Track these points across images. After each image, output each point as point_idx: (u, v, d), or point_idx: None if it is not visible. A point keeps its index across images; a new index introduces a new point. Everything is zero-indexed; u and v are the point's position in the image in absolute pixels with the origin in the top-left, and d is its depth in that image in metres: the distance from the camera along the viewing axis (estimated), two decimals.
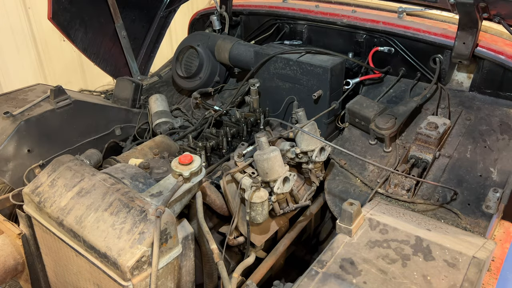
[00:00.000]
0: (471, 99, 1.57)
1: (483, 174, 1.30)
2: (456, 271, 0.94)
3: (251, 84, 1.69)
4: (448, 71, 1.62)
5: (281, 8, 1.97)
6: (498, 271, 1.07)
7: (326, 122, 1.58)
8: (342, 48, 1.79)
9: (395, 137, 1.49)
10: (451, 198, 1.25)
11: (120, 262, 1.00)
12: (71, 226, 1.12)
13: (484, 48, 1.51)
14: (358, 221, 1.08)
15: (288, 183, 1.24)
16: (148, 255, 1.03)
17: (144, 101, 1.99)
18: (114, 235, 1.05)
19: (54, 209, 1.17)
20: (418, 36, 1.63)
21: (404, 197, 1.26)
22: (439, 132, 1.36)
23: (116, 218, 1.09)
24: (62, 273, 1.29)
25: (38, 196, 1.22)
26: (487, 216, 1.18)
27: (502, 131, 1.41)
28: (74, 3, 1.89)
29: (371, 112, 1.50)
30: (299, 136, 1.33)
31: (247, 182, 1.21)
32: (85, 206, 1.15)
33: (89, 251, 1.10)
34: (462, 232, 1.10)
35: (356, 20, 1.76)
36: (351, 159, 1.47)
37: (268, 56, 1.62)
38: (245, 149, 1.30)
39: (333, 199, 1.39)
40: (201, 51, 1.91)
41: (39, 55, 3.06)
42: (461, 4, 1.36)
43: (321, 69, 1.50)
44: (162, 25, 2.31)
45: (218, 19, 2.09)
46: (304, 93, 1.57)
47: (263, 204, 1.21)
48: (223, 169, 1.33)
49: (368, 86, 1.77)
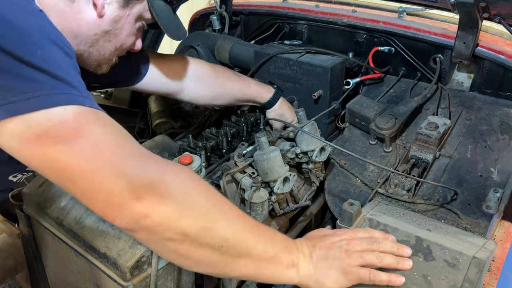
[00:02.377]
0: (471, 99, 1.57)
1: (483, 174, 1.30)
2: (457, 271, 0.94)
3: None
4: (448, 71, 1.62)
5: (281, 8, 1.97)
6: (498, 271, 1.07)
7: (326, 122, 1.58)
8: (342, 48, 1.79)
9: (396, 137, 1.49)
10: (452, 198, 1.25)
11: (120, 262, 1.00)
12: (70, 226, 1.12)
13: (485, 48, 1.51)
14: (358, 221, 1.08)
15: (288, 183, 1.24)
16: (148, 255, 1.03)
17: (144, 101, 1.99)
18: (114, 235, 1.05)
19: (54, 209, 1.17)
20: (418, 36, 1.63)
21: (404, 197, 1.26)
22: (439, 132, 1.35)
23: None
24: (61, 273, 1.29)
25: (38, 196, 1.22)
26: (488, 216, 1.18)
27: (503, 131, 1.41)
28: None
29: (371, 112, 1.50)
30: (299, 136, 1.33)
31: (247, 182, 1.21)
32: (85, 206, 1.14)
33: (89, 251, 1.10)
34: (462, 232, 1.10)
35: (356, 20, 1.76)
36: (351, 159, 1.47)
37: (268, 56, 1.62)
38: (245, 149, 1.30)
39: (333, 199, 1.39)
40: (201, 51, 1.91)
41: None
42: (461, 4, 1.36)
43: (321, 69, 1.50)
44: None
45: (218, 19, 2.09)
46: (304, 93, 1.57)
47: (263, 204, 1.20)
48: (223, 169, 1.33)
49: (368, 86, 1.77)
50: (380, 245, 0.97)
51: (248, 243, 0.87)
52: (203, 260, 0.83)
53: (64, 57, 0.76)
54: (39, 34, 0.73)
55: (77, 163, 0.71)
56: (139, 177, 0.75)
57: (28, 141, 0.70)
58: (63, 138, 0.70)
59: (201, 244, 0.81)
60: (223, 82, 1.48)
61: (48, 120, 0.70)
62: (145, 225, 0.76)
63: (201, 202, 0.83)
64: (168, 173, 0.80)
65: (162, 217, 0.76)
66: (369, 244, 0.96)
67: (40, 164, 0.73)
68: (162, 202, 0.76)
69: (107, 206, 0.74)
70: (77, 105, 0.73)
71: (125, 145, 0.77)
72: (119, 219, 0.75)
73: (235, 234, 0.85)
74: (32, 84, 0.69)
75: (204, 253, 0.82)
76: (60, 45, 0.76)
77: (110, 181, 0.73)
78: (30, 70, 0.70)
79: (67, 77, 0.74)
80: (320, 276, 0.92)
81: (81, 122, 0.72)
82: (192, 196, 0.81)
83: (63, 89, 0.72)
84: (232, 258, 0.85)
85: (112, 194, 0.73)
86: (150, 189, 0.75)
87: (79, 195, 0.75)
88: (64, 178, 0.73)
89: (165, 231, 0.77)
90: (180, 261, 0.84)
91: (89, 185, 0.73)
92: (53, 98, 0.71)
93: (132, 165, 0.76)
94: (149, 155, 0.81)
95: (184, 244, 0.80)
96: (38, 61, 0.70)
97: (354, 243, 0.96)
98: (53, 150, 0.70)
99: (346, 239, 0.98)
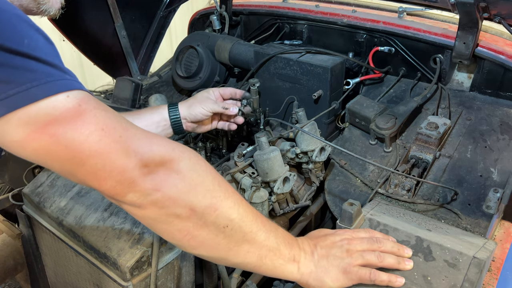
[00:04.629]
0: (471, 99, 1.57)
1: (483, 174, 1.30)
2: (457, 271, 0.94)
3: (251, 84, 1.68)
4: (448, 71, 1.62)
5: (281, 8, 1.97)
6: (498, 271, 1.07)
7: (326, 122, 1.58)
8: (342, 48, 1.79)
9: (396, 137, 1.49)
10: (452, 198, 1.25)
11: (120, 262, 1.00)
12: (70, 226, 1.12)
13: (485, 48, 1.51)
14: (358, 221, 1.08)
15: (288, 183, 1.24)
16: (148, 255, 1.03)
17: (144, 101, 1.99)
18: (114, 235, 1.05)
19: (54, 209, 1.17)
20: (418, 36, 1.63)
21: (404, 197, 1.26)
22: (439, 132, 1.35)
23: (116, 218, 1.09)
24: (61, 273, 1.28)
25: (37, 196, 1.22)
26: (488, 216, 1.18)
27: (503, 131, 1.41)
28: (74, 3, 1.88)
29: (371, 112, 1.50)
30: (299, 136, 1.33)
31: (247, 182, 1.21)
32: (85, 206, 1.15)
33: (89, 251, 1.10)
34: (462, 232, 1.10)
35: (357, 20, 1.76)
36: (352, 159, 1.47)
37: (268, 56, 1.62)
38: (245, 149, 1.30)
39: (333, 199, 1.39)
40: (201, 51, 1.91)
41: None
42: (461, 4, 1.36)
43: (321, 69, 1.50)
44: (162, 25, 2.30)
45: (218, 19, 2.09)
46: (304, 93, 1.57)
47: (263, 204, 1.20)
48: (223, 169, 1.33)
49: (368, 86, 1.77)
50: (381, 245, 0.97)
51: (252, 227, 0.88)
52: (207, 241, 0.84)
53: (45, 41, 0.74)
54: (18, 20, 0.71)
55: (89, 147, 0.72)
56: (149, 153, 0.77)
57: (36, 132, 0.69)
58: (71, 124, 0.70)
59: (206, 223, 0.82)
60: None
61: (53, 108, 0.69)
62: (155, 199, 0.77)
63: (207, 180, 0.84)
64: (175, 150, 0.82)
65: (172, 190, 0.78)
66: (370, 244, 0.96)
67: (47, 155, 0.73)
68: (172, 176, 0.79)
69: (118, 184, 0.75)
70: (76, 90, 0.73)
71: (129, 127, 0.78)
72: (130, 195, 0.76)
73: (240, 217, 0.86)
74: (27, 74, 0.68)
75: (209, 233, 0.83)
76: (37, 28, 0.74)
77: (122, 160, 0.74)
78: (22, 60, 0.68)
79: (58, 63, 0.73)
80: (321, 275, 0.92)
81: (86, 107, 0.72)
82: (199, 173, 0.83)
83: (57, 75, 0.71)
84: (235, 242, 0.86)
85: (124, 171, 0.74)
86: (160, 164, 0.78)
87: (88, 178, 0.75)
88: (74, 164, 0.73)
89: (174, 205, 0.79)
90: (185, 241, 0.84)
91: (101, 166, 0.73)
92: (52, 85, 0.70)
93: (141, 143, 0.77)
94: (154, 135, 0.83)
95: (191, 220, 0.81)
96: (27, 50, 0.68)
97: (355, 242, 0.96)
98: (63, 138, 0.70)
99: (347, 239, 0.98)
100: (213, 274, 1.27)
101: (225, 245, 0.86)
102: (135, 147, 0.76)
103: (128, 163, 0.74)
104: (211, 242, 0.84)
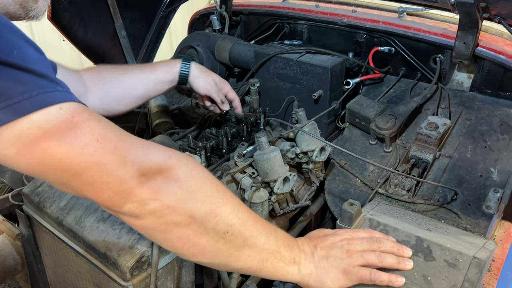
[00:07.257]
0: (471, 99, 1.57)
1: (483, 174, 1.30)
2: (457, 272, 0.94)
3: (251, 84, 1.69)
4: (448, 71, 1.62)
5: (281, 8, 1.97)
6: (498, 271, 1.07)
7: (326, 122, 1.58)
8: (342, 48, 1.79)
9: (396, 137, 1.49)
10: (452, 198, 1.25)
11: (120, 262, 1.00)
12: (70, 226, 1.12)
13: (485, 48, 1.51)
14: (358, 221, 1.08)
15: (288, 183, 1.24)
16: (148, 255, 1.03)
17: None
18: (114, 235, 1.05)
19: (53, 209, 1.17)
20: (418, 36, 1.63)
21: (404, 197, 1.26)
22: (439, 132, 1.35)
23: (116, 218, 1.09)
24: (61, 273, 1.28)
25: (37, 196, 1.22)
26: (488, 216, 1.18)
27: (503, 131, 1.41)
28: (74, 3, 1.88)
29: (371, 112, 1.50)
30: (299, 136, 1.33)
31: (247, 182, 1.21)
32: (85, 206, 1.15)
33: (89, 251, 1.10)
34: (462, 232, 1.10)
35: (357, 20, 1.76)
36: (352, 159, 1.47)
37: (268, 56, 1.62)
38: (245, 149, 1.30)
39: (333, 199, 1.39)
40: (201, 51, 1.91)
41: None
42: (461, 4, 1.36)
43: (321, 69, 1.50)
44: (162, 25, 2.30)
45: (218, 19, 2.09)
46: (304, 93, 1.57)
47: (263, 204, 1.20)
48: (223, 169, 1.33)
49: (368, 86, 1.77)
50: (381, 245, 0.97)
51: (252, 232, 0.87)
52: (207, 248, 0.83)
53: (35, 52, 0.72)
54: (6, 30, 0.68)
55: (84, 159, 0.70)
56: (146, 163, 0.76)
57: (28, 146, 0.67)
58: (65, 137, 0.69)
59: (206, 229, 0.81)
60: (124, 79, 1.41)
61: (46, 121, 0.67)
62: (154, 209, 0.76)
63: (205, 186, 0.83)
64: (172, 158, 0.81)
65: (171, 198, 0.77)
66: (370, 244, 0.96)
67: (41, 168, 0.71)
68: (170, 184, 0.78)
69: (116, 195, 0.74)
70: (69, 101, 0.71)
71: (125, 136, 0.77)
72: (128, 206, 0.75)
73: (240, 221, 0.85)
74: (17, 87, 0.66)
75: (209, 240, 0.82)
76: (27, 39, 0.71)
77: (119, 170, 0.73)
78: (12, 71, 0.65)
79: (49, 74, 0.71)
80: (321, 275, 0.92)
81: (79, 119, 0.71)
82: (197, 180, 0.82)
83: (49, 87, 0.69)
84: (236, 247, 0.85)
85: (122, 182, 0.73)
86: (157, 172, 0.77)
87: (84, 189, 0.74)
88: (69, 176, 0.72)
89: (173, 213, 0.78)
90: (185, 249, 0.83)
91: (98, 178, 0.72)
92: (44, 97, 0.68)
93: (137, 153, 0.76)
94: (150, 143, 0.82)
95: (190, 228, 0.80)
96: (17, 61, 0.66)
97: (355, 243, 0.96)
98: (57, 151, 0.69)
99: (347, 239, 0.98)
100: (213, 274, 1.27)
101: (226, 251, 0.85)
102: (132, 157, 0.75)
103: (125, 174, 0.73)
104: (212, 249, 0.84)
